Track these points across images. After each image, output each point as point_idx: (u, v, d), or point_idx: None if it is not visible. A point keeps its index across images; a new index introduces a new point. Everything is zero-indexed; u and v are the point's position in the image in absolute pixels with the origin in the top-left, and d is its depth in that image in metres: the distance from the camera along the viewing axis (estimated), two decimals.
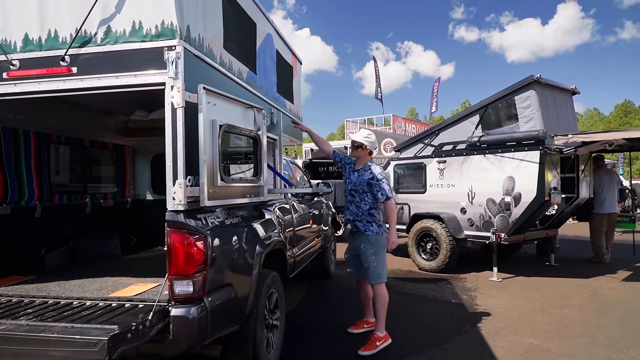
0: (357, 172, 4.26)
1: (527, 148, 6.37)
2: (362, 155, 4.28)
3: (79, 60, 2.79)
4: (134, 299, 2.84)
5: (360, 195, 4.19)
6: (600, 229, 7.80)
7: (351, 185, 4.26)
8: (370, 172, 4.17)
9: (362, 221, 4.17)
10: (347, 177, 4.33)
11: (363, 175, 4.19)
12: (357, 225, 4.20)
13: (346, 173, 4.35)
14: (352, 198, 4.25)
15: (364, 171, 4.22)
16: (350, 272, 4.45)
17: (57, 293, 3.02)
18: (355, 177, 4.23)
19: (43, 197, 4.19)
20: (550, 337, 4.29)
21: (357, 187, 4.21)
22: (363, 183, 4.17)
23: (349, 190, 4.29)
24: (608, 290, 6.01)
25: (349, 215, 4.29)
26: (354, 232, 4.29)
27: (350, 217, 4.27)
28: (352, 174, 4.28)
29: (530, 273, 7.05)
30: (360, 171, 4.24)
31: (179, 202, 2.58)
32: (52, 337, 2.21)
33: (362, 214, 4.17)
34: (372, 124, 29.01)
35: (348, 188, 4.30)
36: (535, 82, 6.63)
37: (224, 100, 2.99)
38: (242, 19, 3.77)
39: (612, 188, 7.78)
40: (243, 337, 3.11)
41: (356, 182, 4.22)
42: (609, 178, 7.80)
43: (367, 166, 4.24)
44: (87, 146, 4.90)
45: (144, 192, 5.66)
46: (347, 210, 4.33)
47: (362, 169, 4.23)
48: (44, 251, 4.06)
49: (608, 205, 7.74)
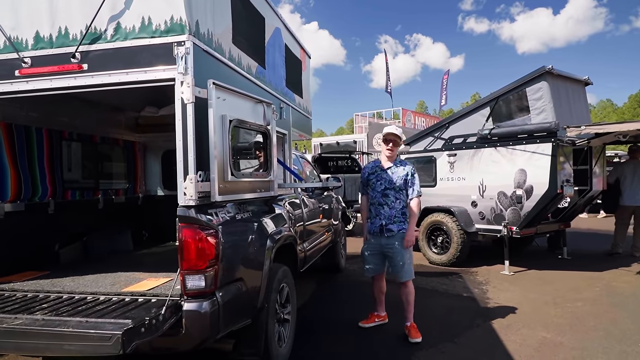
0: (388, 169, 4.05)
1: (539, 140, 6.29)
2: (396, 151, 4.10)
3: (89, 57, 2.81)
4: (147, 293, 2.87)
5: (396, 194, 4.02)
6: (622, 221, 7.68)
7: (385, 184, 4.03)
8: (404, 168, 4.03)
9: (395, 222, 4.02)
10: (376, 179, 4.07)
11: (397, 172, 4.03)
12: (390, 228, 4.01)
13: (375, 176, 4.10)
14: (386, 199, 4.03)
15: (396, 167, 4.04)
16: (368, 269, 4.24)
17: (71, 288, 3.06)
18: (389, 175, 4.02)
19: (56, 194, 4.24)
20: (564, 330, 4.26)
21: (393, 185, 4.00)
22: (399, 180, 4.00)
23: (382, 192, 4.04)
24: (622, 284, 5.94)
25: (380, 220, 4.05)
26: (381, 233, 4.06)
27: (382, 221, 4.03)
28: (384, 173, 4.05)
29: (543, 266, 6.99)
30: (392, 168, 4.05)
31: (190, 198, 2.59)
32: (67, 331, 2.24)
33: (396, 214, 4.02)
34: (382, 117, 28.88)
35: (380, 189, 4.04)
36: (547, 74, 6.53)
37: (234, 95, 2.99)
38: (251, 14, 3.76)
39: (633, 180, 7.66)
40: (255, 331, 3.12)
41: (391, 179, 4.02)
42: (625, 170, 7.69)
43: (398, 161, 4.08)
44: (98, 143, 4.94)
45: (154, 188, 5.70)
46: (376, 215, 4.07)
47: (394, 166, 4.05)
48: (58, 247, 4.12)
49: (629, 198, 7.62)
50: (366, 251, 4.22)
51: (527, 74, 6.73)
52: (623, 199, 7.62)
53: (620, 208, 7.67)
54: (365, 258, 4.24)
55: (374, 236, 4.12)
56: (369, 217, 4.17)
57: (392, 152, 4.05)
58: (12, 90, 2.91)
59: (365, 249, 4.22)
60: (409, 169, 4.03)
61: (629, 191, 7.58)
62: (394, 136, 4.02)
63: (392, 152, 4.05)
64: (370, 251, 4.19)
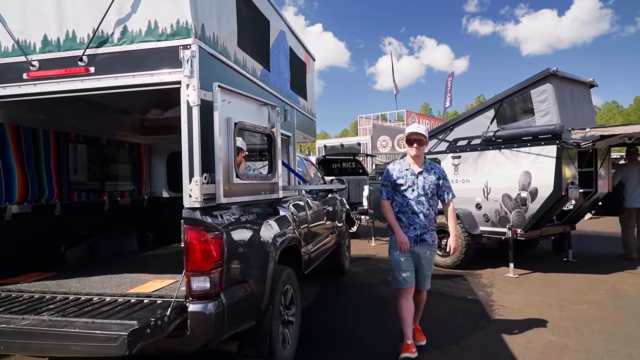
0: (420, 175, 3.70)
1: (544, 142, 6.28)
2: (423, 151, 3.74)
3: (96, 60, 2.84)
4: (152, 295, 2.88)
5: (429, 201, 3.69)
6: (628, 223, 7.65)
7: (418, 191, 3.67)
8: (435, 172, 3.73)
9: (429, 231, 3.71)
10: (407, 185, 3.69)
11: (430, 178, 3.70)
12: (424, 238, 3.69)
13: (405, 182, 3.70)
14: (421, 207, 3.67)
15: (428, 173, 3.72)
16: (405, 279, 3.69)
17: (77, 289, 3.09)
18: (422, 181, 3.68)
19: (62, 195, 4.27)
20: (569, 333, 4.24)
21: (427, 191, 3.67)
22: (432, 185, 3.69)
23: (415, 199, 3.66)
24: (627, 286, 5.91)
25: (415, 229, 3.68)
26: (414, 244, 3.69)
27: (417, 231, 3.67)
28: (416, 179, 3.69)
29: (547, 269, 6.96)
30: (424, 173, 3.71)
31: (196, 200, 2.61)
32: (73, 332, 2.26)
33: (430, 223, 3.71)
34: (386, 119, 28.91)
35: (413, 196, 3.66)
36: (552, 76, 6.53)
37: (239, 97, 3.01)
38: (256, 17, 3.79)
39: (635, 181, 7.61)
40: (259, 333, 3.13)
41: (424, 185, 3.68)
42: (630, 172, 7.65)
43: (428, 164, 3.77)
44: (104, 145, 4.98)
45: (160, 190, 5.73)
46: (409, 224, 3.68)
47: (425, 170, 3.72)
48: (64, 248, 4.15)
49: (633, 200, 7.58)
50: (401, 257, 3.69)
51: (532, 76, 6.73)
52: (629, 201, 7.58)
53: (626, 210, 7.62)
54: (400, 265, 3.68)
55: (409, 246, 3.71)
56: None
57: (419, 153, 3.69)
58: (20, 93, 2.95)
59: (398, 255, 3.70)
60: (439, 172, 3.76)
61: (635, 193, 7.54)
62: (418, 135, 3.65)
63: (419, 154, 3.68)
64: (405, 257, 3.69)
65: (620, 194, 7.58)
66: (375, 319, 4.75)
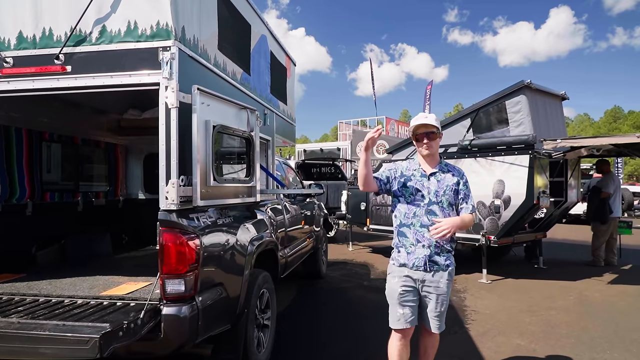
0: (433, 176, 2.82)
1: (517, 152, 6.45)
2: (437, 148, 2.86)
3: (73, 59, 2.81)
4: (126, 297, 2.85)
5: (445, 211, 2.78)
6: (606, 233, 7.84)
7: (429, 197, 2.77)
8: (454, 174, 2.84)
9: (443, 252, 2.78)
10: (415, 188, 2.80)
11: (445, 180, 2.81)
12: (436, 260, 2.76)
13: (413, 183, 2.82)
14: (432, 218, 2.74)
15: (443, 174, 2.83)
16: (404, 316, 2.79)
17: (48, 291, 3.03)
18: (435, 185, 2.79)
19: (35, 195, 4.18)
20: (537, 338, 4.36)
21: (441, 198, 2.76)
22: (449, 191, 2.79)
23: (425, 208, 2.76)
24: (594, 293, 6.10)
25: (423, 248, 2.75)
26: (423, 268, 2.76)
27: (427, 250, 2.75)
28: (427, 181, 2.81)
29: (519, 275, 7.13)
30: (439, 174, 2.82)
31: (172, 202, 2.60)
32: (43, 334, 2.22)
33: (445, 241, 2.76)
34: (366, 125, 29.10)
35: (423, 203, 2.77)
36: (526, 87, 6.72)
37: (218, 101, 3.01)
38: (237, 21, 3.80)
39: (618, 193, 7.88)
40: (234, 337, 3.13)
41: (437, 191, 2.78)
42: (616, 183, 7.91)
43: (444, 164, 2.89)
44: (79, 144, 4.90)
45: (136, 191, 5.66)
46: (416, 241, 2.77)
47: (440, 171, 2.84)
48: (35, 249, 4.06)
49: (617, 210, 7.83)
50: (399, 284, 2.78)
51: (507, 87, 6.92)
52: (614, 211, 7.79)
53: (611, 220, 7.81)
54: (396, 296, 2.79)
55: (410, 270, 2.79)
56: (401, 245, 2.83)
57: (432, 151, 2.81)
58: None
59: (395, 283, 2.80)
60: (459, 174, 2.84)
61: (617, 203, 7.81)
62: (427, 127, 2.78)
63: (432, 151, 2.80)
64: (404, 286, 2.78)
65: (606, 204, 7.79)
66: (351, 323, 4.78)
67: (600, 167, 8.14)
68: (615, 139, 6.20)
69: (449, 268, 2.82)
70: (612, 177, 7.96)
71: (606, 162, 8.13)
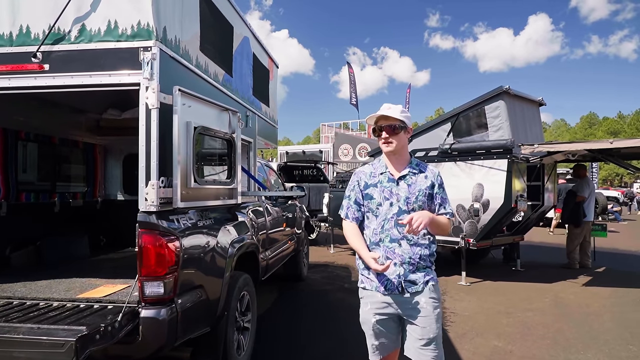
0: (403, 180, 2.36)
1: (496, 156, 6.57)
2: (403, 145, 2.39)
3: (51, 58, 2.76)
4: (103, 300, 2.81)
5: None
6: (579, 236, 8.02)
7: (399, 205, 2.31)
8: (427, 175, 2.40)
9: (420, 268, 2.31)
10: (382, 197, 2.34)
11: (418, 183, 2.36)
12: (412, 279, 2.28)
13: (379, 191, 2.36)
14: (402, 228, 2.26)
15: (414, 175, 2.38)
16: (378, 347, 2.39)
17: (22, 294, 2.96)
18: (405, 190, 2.34)
19: (9, 196, 4.09)
20: (514, 339, 4.44)
21: (413, 205, 2.31)
22: (421, 195, 2.33)
23: (395, 219, 2.29)
24: (569, 295, 6.24)
25: (395, 268, 2.27)
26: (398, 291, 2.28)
27: (398, 269, 2.27)
28: (397, 186, 2.35)
29: (497, 277, 7.25)
30: (409, 177, 2.37)
31: (152, 203, 2.58)
32: (17, 337, 2.18)
33: (421, 254, 2.31)
34: (348, 128, 29.23)
35: (391, 214, 2.31)
36: (505, 93, 6.86)
37: (199, 102, 3.00)
38: (219, 22, 3.79)
39: (592, 197, 8.09)
40: (214, 339, 3.11)
41: (408, 197, 2.32)
42: (591, 187, 8.11)
43: (416, 164, 2.43)
44: (56, 144, 4.80)
45: (114, 192, 5.58)
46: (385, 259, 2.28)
47: (411, 172, 2.38)
48: (9, 250, 3.97)
49: (590, 214, 8.04)
50: (371, 315, 2.34)
51: (486, 93, 7.05)
52: (587, 215, 7.98)
53: (584, 224, 7.98)
54: (371, 327, 2.35)
55: (384, 294, 2.31)
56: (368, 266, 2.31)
57: (396, 149, 2.35)
58: None
59: (367, 311, 2.37)
60: (433, 175, 2.41)
61: (591, 208, 8.01)
62: (388, 120, 2.34)
63: (394, 149, 2.35)
64: (378, 314, 2.33)
65: (580, 208, 7.96)
66: (331, 325, 4.79)
67: (577, 172, 8.34)
68: (590, 144, 6.38)
69: (429, 284, 2.32)
70: (588, 181, 8.17)
71: (583, 167, 8.34)
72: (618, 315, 5.26)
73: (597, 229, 8.19)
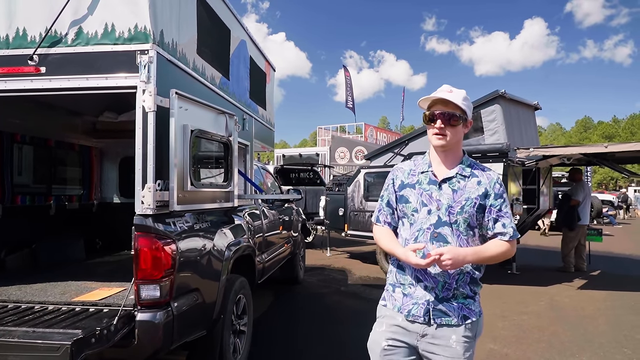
0: (446, 182, 1.87)
1: (492, 160, 6.59)
2: (458, 140, 1.89)
3: (48, 60, 2.76)
4: (99, 303, 2.80)
5: (461, 235, 1.85)
6: (574, 239, 8.03)
7: (439, 214, 1.84)
8: (480, 180, 1.88)
9: (458, 297, 1.86)
10: (417, 204, 1.88)
11: (467, 188, 1.86)
12: (443, 309, 1.83)
13: (417, 197, 1.89)
14: (439, 244, 1.82)
15: (463, 178, 1.87)
16: None
17: (17, 297, 2.95)
18: (449, 196, 1.85)
19: (5, 198, 4.07)
20: (510, 342, 4.45)
21: (457, 216, 1.83)
22: (470, 205, 1.83)
23: (432, 230, 1.84)
24: (564, 298, 6.26)
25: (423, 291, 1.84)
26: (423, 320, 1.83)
27: (429, 294, 1.83)
28: (439, 190, 1.87)
29: (493, 281, 7.26)
30: (457, 178, 1.87)
31: (148, 206, 2.57)
32: (12, 341, 2.17)
33: (460, 280, 1.85)
34: (345, 131, 29.30)
35: (427, 225, 1.85)
36: (500, 97, 6.90)
37: (196, 105, 3.00)
38: (216, 25, 3.79)
39: (587, 201, 8.12)
40: (210, 343, 3.11)
41: (451, 205, 1.83)
42: (586, 191, 8.14)
43: (468, 164, 1.91)
44: (52, 147, 4.79)
45: (111, 195, 5.56)
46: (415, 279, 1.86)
47: (460, 174, 1.88)
48: (4, 253, 3.95)
49: (585, 218, 8.07)
50: (383, 338, 1.90)
51: (482, 97, 7.09)
52: (582, 218, 7.99)
53: (579, 227, 8.00)
54: (379, 354, 1.90)
55: (406, 319, 1.86)
56: (397, 283, 1.93)
57: (447, 142, 1.85)
58: None
59: (380, 332, 1.93)
60: (488, 181, 1.87)
61: (586, 211, 8.04)
62: (448, 106, 1.85)
63: (448, 143, 1.85)
64: (392, 339, 1.88)
65: (575, 212, 7.98)
66: (328, 329, 4.79)
67: (573, 176, 8.38)
68: (585, 148, 6.42)
69: (467, 321, 1.85)
70: (583, 185, 8.21)
71: (579, 171, 8.38)
72: (613, 318, 5.28)
73: (593, 233, 8.22)
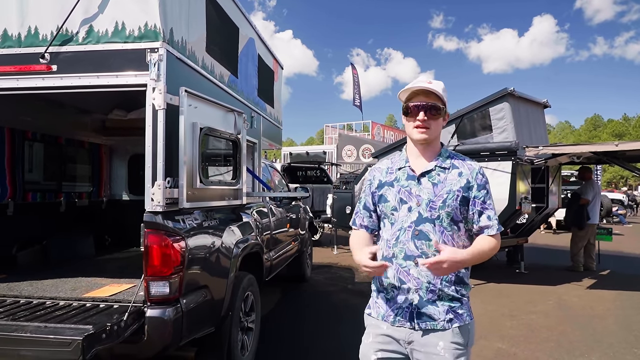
0: (427, 176, 1.77)
1: (500, 158, 6.55)
2: (438, 134, 1.82)
3: (59, 59, 2.78)
4: (109, 299, 2.83)
5: (445, 230, 1.73)
6: (583, 238, 7.98)
7: (419, 210, 1.72)
8: (461, 171, 1.79)
9: (444, 298, 1.72)
10: (400, 201, 1.76)
11: (448, 181, 1.76)
12: (427, 312, 1.71)
13: (395, 190, 1.79)
14: (422, 244, 1.70)
15: (443, 169, 1.78)
16: None
17: (29, 292, 2.99)
18: (429, 191, 1.74)
19: (16, 195, 4.12)
20: (518, 342, 4.43)
21: (439, 211, 1.72)
22: (452, 197, 1.73)
23: (412, 229, 1.72)
24: (573, 297, 6.22)
25: (406, 293, 1.71)
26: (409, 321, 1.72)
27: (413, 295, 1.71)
28: (418, 185, 1.76)
29: (501, 280, 7.23)
30: (435, 173, 1.77)
31: (158, 204, 2.59)
32: (24, 336, 2.20)
33: (443, 280, 1.72)
34: (352, 129, 29.25)
35: (408, 222, 1.73)
36: (509, 95, 6.85)
37: (205, 103, 3.02)
38: (225, 23, 3.81)
39: (597, 200, 8.06)
40: (218, 339, 3.13)
41: (431, 200, 1.73)
42: (595, 190, 8.08)
43: (447, 156, 1.82)
44: (62, 144, 4.84)
45: (120, 192, 5.61)
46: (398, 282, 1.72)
47: (439, 166, 1.78)
48: (16, 250, 4.00)
49: (594, 217, 8.01)
50: (372, 351, 1.80)
51: (491, 95, 7.04)
52: (592, 217, 7.95)
53: (588, 226, 7.95)
54: None
55: (391, 326, 1.76)
56: (381, 287, 1.81)
57: (430, 135, 1.76)
58: None
59: (368, 344, 1.84)
60: (470, 172, 1.79)
61: (595, 210, 7.98)
62: (427, 97, 1.74)
63: (429, 135, 1.75)
64: (381, 350, 1.78)
65: (584, 210, 7.92)
66: (334, 327, 4.80)
67: (582, 174, 8.31)
68: (595, 146, 6.36)
69: (454, 325, 1.71)
70: (593, 184, 8.14)
71: (588, 170, 8.31)
72: (622, 318, 5.24)
73: (603, 232, 8.15)
